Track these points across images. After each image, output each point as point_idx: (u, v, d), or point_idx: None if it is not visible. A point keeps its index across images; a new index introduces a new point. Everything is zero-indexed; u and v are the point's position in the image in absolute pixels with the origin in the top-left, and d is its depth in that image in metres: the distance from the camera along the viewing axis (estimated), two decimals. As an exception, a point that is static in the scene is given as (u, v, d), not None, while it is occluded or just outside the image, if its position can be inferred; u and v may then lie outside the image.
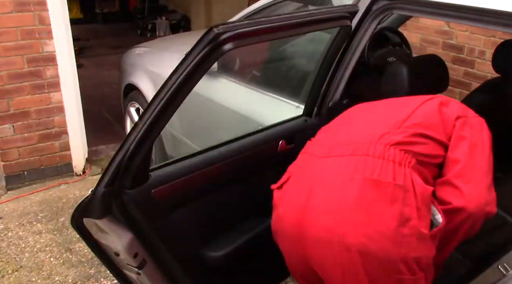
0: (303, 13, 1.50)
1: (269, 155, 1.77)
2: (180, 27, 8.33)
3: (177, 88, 1.24)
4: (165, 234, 1.50)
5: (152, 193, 1.43)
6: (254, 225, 1.74)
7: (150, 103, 1.27)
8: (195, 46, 1.22)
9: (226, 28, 1.21)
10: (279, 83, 2.52)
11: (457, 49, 3.55)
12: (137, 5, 9.09)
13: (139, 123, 1.28)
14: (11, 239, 2.80)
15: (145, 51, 3.52)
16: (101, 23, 9.20)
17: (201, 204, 1.60)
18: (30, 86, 3.20)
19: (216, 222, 1.69)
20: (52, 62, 3.21)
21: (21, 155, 3.32)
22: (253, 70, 2.72)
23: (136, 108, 3.40)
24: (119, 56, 3.95)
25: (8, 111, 3.18)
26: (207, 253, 1.62)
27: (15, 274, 2.52)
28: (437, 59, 2.04)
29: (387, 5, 1.71)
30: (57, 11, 3.12)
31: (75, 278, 2.49)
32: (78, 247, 2.72)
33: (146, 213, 1.43)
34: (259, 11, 2.55)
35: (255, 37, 1.31)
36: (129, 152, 1.29)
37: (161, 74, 2.98)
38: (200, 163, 1.56)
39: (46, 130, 3.35)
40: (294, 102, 2.20)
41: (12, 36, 3.04)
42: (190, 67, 1.22)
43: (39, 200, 3.23)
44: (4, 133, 3.21)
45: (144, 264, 1.50)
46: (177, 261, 1.55)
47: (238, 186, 1.69)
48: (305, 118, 1.90)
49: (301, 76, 2.41)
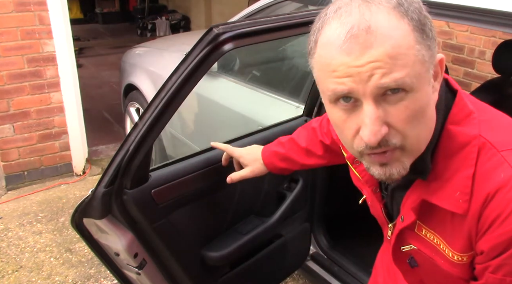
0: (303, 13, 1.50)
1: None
2: (180, 27, 8.34)
3: (177, 88, 1.23)
4: (165, 234, 1.50)
5: (152, 193, 1.43)
6: (254, 225, 1.74)
7: (150, 103, 1.27)
8: (195, 46, 1.22)
9: (226, 28, 1.21)
10: (279, 83, 2.52)
11: (457, 49, 3.55)
12: (137, 5, 9.10)
13: (139, 123, 1.28)
14: (11, 239, 2.80)
15: (145, 51, 3.53)
16: (101, 23, 9.21)
17: (201, 204, 1.60)
18: (30, 86, 3.20)
19: (216, 222, 1.69)
20: (52, 62, 3.21)
21: (21, 155, 3.32)
22: (253, 70, 2.72)
23: (136, 108, 3.40)
24: (119, 56, 3.95)
25: (8, 111, 3.18)
26: (207, 253, 1.62)
27: (15, 274, 2.52)
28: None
29: (387, 5, 1.71)
30: (57, 11, 3.13)
31: (75, 278, 2.49)
32: (78, 247, 2.72)
33: (146, 213, 1.43)
34: (259, 11, 2.55)
35: (255, 37, 1.31)
36: (129, 152, 1.29)
37: (161, 74, 2.98)
38: (200, 163, 1.56)
39: (46, 130, 3.35)
40: (294, 102, 2.20)
41: (12, 36, 3.05)
42: (190, 67, 1.22)
43: (39, 200, 3.23)
44: (4, 133, 3.21)
45: (144, 264, 1.50)
46: (177, 261, 1.55)
47: (238, 186, 1.69)
48: (305, 118, 1.90)
49: (301, 76, 2.41)
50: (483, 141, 0.83)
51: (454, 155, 0.85)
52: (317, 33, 0.79)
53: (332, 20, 0.76)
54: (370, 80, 0.73)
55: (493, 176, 0.81)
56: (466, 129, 0.85)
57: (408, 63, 0.73)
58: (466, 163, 0.83)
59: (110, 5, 9.51)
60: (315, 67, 0.82)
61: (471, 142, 0.83)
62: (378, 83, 0.73)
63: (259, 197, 1.79)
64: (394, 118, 0.76)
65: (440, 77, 0.83)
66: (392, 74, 0.72)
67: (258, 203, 1.79)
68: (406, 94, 0.75)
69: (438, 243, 0.92)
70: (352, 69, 0.73)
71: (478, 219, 0.83)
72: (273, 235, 1.83)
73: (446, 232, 0.89)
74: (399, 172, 0.81)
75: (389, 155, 0.79)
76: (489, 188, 0.80)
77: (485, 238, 0.83)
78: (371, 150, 0.78)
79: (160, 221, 1.47)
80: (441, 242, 0.91)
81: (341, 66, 0.74)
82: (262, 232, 1.73)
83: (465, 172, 0.83)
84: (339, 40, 0.73)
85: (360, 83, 0.73)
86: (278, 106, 2.29)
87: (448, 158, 0.85)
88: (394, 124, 0.76)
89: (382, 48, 0.72)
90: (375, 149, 0.78)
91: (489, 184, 0.81)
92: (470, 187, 0.82)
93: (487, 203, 0.81)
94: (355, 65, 0.73)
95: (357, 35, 0.72)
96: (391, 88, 0.74)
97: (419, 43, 0.75)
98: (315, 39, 0.80)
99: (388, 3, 0.74)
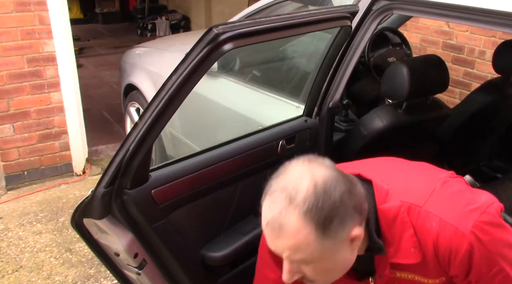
0: (303, 13, 1.50)
1: (269, 155, 1.77)
2: (180, 27, 8.33)
3: (177, 88, 1.23)
4: (165, 234, 1.50)
5: (152, 193, 1.43)
6: (254, 225, 1.73)
7: (150, 103, 1.27)
8: (195, 46, 1.22)
9: (226, 28, 1.21)
10: (279, 83, 2.52)
11: (457, 49, 3.55)
12: (137, 5, 9.08)
13: (139, 123, 1.28)
14: (11, 239, 2.80)
15: (145, 51, 3.52)
16: (101, 23, 9.20)
17: (201, 204, 1.60)
18: (30, 86, 3.20)
19: (216, 222, 1.69)
20: (52, 62, 3.21)
21: (21, 155, 3.32)
22: (253, 70, 2.72)
23: (136, 108, 3.40)
24: (119, 56, 3.95)
25: (8, 111, 3.18)
26: (207, 253, 1.62)
27: (15, 274, 2.52)
28: (437, 59, 2.04)
29: (387, 5, 1.71)
30: (57, 11, 3.12)
31: (75, 278, 2.49)
32: (78, 247, 2.71)
33: (146, 213, 1.43)
34: (259, 11, 2.55)
35: (255, 37, 1.31)
36: (129, 152, 1.29)
37: (161, 74, 2.98)
38: (200, 163, 1.56)
39: (46, 130, 3.35)
40: (294, 102, 2.20)
41: (12, 36, 3.04)
42: (190, 67, 1.22)
43: (39, 200, 3.23)
44: (4, 133, 3.21)
45: (144, 264, 1.50)
46: (177, 262, 1.55)
47: (238, 186, 1.69)
48: (305, 118, 1.90)
49: (301, 76, 2.41)
50: (407, 205, 1.07)
51: (393, 224, 1.07)
52: (263, 196, 1.06)
53: (265, 201, 1.04)
54: (283, 254, 1.00)
55: (428, 227, 1.04)
56: (391, 203, 1.08)
57: (310, 252, 0.98)
58: (405, 227, 1.06)
59: (110, 5, 9.50)
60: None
61: (399, 211, 1.07)
62: (286, 257, 1.01)
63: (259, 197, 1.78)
64: (306, 272, 1.03)
65: (357, 242, 1.03)
66: (295, 256, 0.99)
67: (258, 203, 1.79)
68: (312, 263, 1.00)
69: (413, 277, 1.13)
70: (272, 242, 1.01)
71: (437, 259, 1.05)
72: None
73: (419, 271, 1.11)
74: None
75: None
76: (431, 237, 1.04)
77: (452, 267, 1.05)
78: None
79: (160, 221, 1.47)
80: (415, 276, 1.13)
81: (267, 236, 1.02)
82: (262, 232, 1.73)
83: (408, 232, 1.06)
84: (264, 221, 1.02)
85: (279, 252, 1.01)
86: (278, 106, 2.28)
87: (390, 228, 1.08)
88: (306, 275, 1.03)
89: (286, 242, 0.98)
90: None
91: (429, 235, 1.04)
92: (418, 242, 1.05)
93: (436, 248, 1.04)
94: (273, 242, 1.01)
95: (273, 227, 0.99)
96: (298, 260, 1.00)
97: (322, 238, 0.96)
98: (262, 201, 1.06)
99: (301, 207, 0.95)
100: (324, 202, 0.95)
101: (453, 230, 1.01)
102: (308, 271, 1.02)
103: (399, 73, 1.89)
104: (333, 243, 0.98)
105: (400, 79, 1.87)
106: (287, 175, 1.02)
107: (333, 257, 1.01)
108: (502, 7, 1.36)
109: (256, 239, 1.72)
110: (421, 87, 1.93)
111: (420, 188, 1.10)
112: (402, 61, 2.08)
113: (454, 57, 3.57)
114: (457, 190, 1.10)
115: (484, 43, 3.36)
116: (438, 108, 2.14)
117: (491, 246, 1.02)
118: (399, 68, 1.90)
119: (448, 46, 3.61)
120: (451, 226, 1.02)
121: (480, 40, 3.38)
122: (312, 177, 0.97)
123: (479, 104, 2.30)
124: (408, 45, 2.69)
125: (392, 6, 1.70)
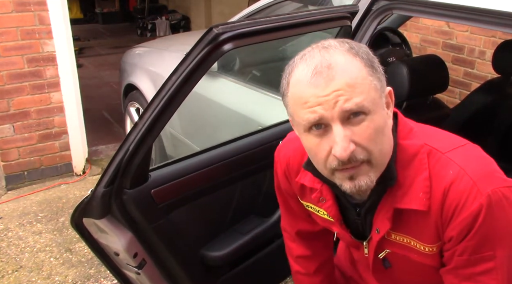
0: (303, 13, 1.50)
1: (269, 155, 1.77)
2: (180, 27, 8.34)
3: (177, 88, 1.23)
4: (165, 234, 1.50)
5: (152, 193, 1.43)
6: (254, 225, 1.74)
7: (150, 103, 1.27)
8: (195, 46, 1.22)
9: (226, 28, 1.21)
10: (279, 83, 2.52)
11: (457, 49, 3.55)
12: (137, 5, 9.10)
13: (139, 123, 1.28)
14: (11, 239, 2.80)
15: (145, 51, 3.53)
16: (101, 23, 9.22)
17: (201, 204, 1.60)
18: (30, 86, 3.20)
19: (216, 222, 1.69)
20: (52, 62, 3.21)
21: (21, 155, 3.32)
22: (253, 70, 2.72)
23: (136, 108, 3.40)
24: (119, 56, 3.95)
25: (8, 111, 3.18)
26: (207, 253, 1.62)
27: (15, 274, 2.52)
28: (437, 59, 2.04)
29: (387, 5, 1.71)
30: (57, 11, 3.13)
31: (75, 278, 2.49)
32: (78, 247, 2.72)
33: (145, 213, 1.43)
34: (259, 11, 2.55)
35: (255, 37, 1.31)
36: (129, 152, 1.29)
37: (161, 74, 2.98)
38: (200, 163, 1.56)
39: (46, 130, 3.35)
40: (294, 102, 2.19)
41: (12, 36, 3.05)
42: (190, 67, 1.22)
43: (39, 200, 3.23)
44: (4, 133, 3.21)
45: (143, 264, 1.50)
46: (177, 261, 1.55)
47: (238, 186, 1.69)
48: (305, 118, 1.90)
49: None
50: (429, 148, 1.01)
51: (409, 164, 1.01)
52: (288, 76, 0.99)
53: (300, 64, 0.96)
54: (336, 106, 0.90)
55: (445, 174, 0.97)
56: (414, 141, 1.02)
57: (364, 90, 0.91)
58: (421, 168, 1.00)
59: (110, 5, 9.51)
60: (289, 103, 0.99)
61: (420, 150, 1.01)
62: (343, 107, 0.90)
63: (259, 197, 1.79)
64: (359, 136, 0.92)
65: (391, 107, 1.01)
66: (352, 99, 0.90)
67: (258, 203, 1.79)
68: (366, 116, 0.92)
69: (409, 242, 1.07)
70: (320, 98, 0.91)
71: (441, 213, 0.98)
72: (273, 235, 1.83)
73: (416, 231, 1.05)
74: (366, 184, 0.96)
75: (357, 168, 0.94)
76: (444, 184, 0.97)
77: (451, 227, 0.98)
78: (343, 165, 0.94)
79: (159, 221, 1.47)
80: (411, 240, 1.06)
81: (311, 97, 0.92)
82: (262, 232, 1.73)
83: (422, 175, 0.99)
84: (307, 77, 0.92)
85: (328, 110, 0.90)
86: (278, 106, 2.28)
87: (405, 168, 1.01)
88: (359, 142, 0.92)
89: (342, 79, 0.90)
90: (345, 165, 0.93)
91: (443, 181, 0.97)
92: (429, 187, 0.98)
93: (445, 197, 0.97)
94: (322, 95, 0.90)
95: (321, 72, 0.91)
96: (353, 111, 0.90)
97: (371, 75, 0.93)
98: (287, 82, 0.99)
99: (342, 47, 0.94)
100: (361, 47, 0.96)
101: (470, 184, 0.94)
102: (360, 132, 0.91)
103: (399, 73, 1.89)
104: (380, 88, 0.95)
105: (400, 79, 1.88)
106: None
107: (381, 111, 0.95)
108: (502, 7, 1.36)
109: (256, 239, 1.73)
110: (421, 87, 1.93)
111: (450, 139, 1.05)
112: (402, 61, 2.08)
113: (454, 57, 3.57)
114: (490, 158, 1.01)
115: (484, 43, 3.36)
116: (438, 108, 2.14)
117: (498, 224, 0.94)
118: (399, 68, 1.90)
119: (448, 46, 3.61)
120: (470, 179, 0.94)
121: (480, 40, 3.38)
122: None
123: (479, 104, 2.30)
124: (408, 45, 2.69)
125: (392, 6, 1.70)
